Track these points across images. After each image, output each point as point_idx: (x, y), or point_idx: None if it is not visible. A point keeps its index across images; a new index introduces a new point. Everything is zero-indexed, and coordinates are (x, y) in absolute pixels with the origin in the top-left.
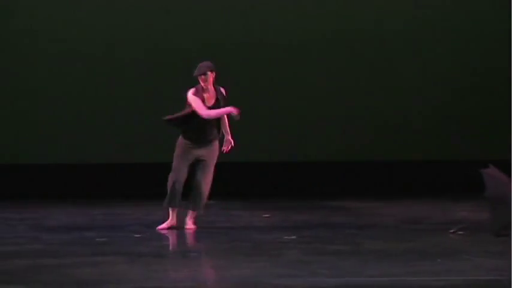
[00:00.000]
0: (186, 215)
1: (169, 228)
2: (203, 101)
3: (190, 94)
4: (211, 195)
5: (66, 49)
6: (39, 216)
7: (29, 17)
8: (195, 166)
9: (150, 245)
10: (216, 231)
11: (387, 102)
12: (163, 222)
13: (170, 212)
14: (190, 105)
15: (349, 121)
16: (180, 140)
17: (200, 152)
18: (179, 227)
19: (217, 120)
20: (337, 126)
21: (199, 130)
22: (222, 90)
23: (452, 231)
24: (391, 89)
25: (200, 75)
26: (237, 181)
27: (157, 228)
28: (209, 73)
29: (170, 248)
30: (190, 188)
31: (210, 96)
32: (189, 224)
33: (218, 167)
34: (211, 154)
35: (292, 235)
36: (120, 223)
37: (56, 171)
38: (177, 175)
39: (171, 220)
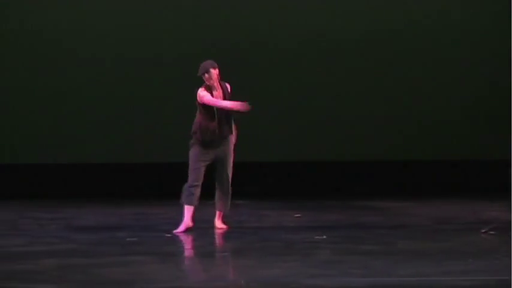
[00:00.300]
0: (214, 216)
1: (186, 230)
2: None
3: (200, 91)
4: (240, 195)
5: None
6: (70, 216)
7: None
8: (216, 165)
9: (181, 245)
10: (246, 231)
11: (417, 101)
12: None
13: (186, 212)
14: (200, 104)
15: (379, 121)
16: (195, 140)
17: (218, 151)
18: (195, 227)
19: (229, 116)
20: (367, 126)
21: (215, 127)
22: (227, 85)
23: (483, 231)
24: (421, 88)
25: (203, 73)
26: (267, 181)
27: (174, 232)
28: (212, 70)
29: (200, 248)
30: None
31: (218, 93)
32: (220, 224)
33: (248, 166)
34: (228, 151)
35: (323, 235)
36: (150, 223)
37: (87, 170)
38: (197, 177)
39: (186, 221)
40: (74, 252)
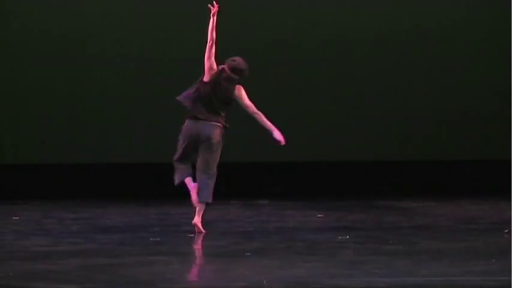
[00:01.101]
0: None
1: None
2: None
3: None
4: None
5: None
6: (93, 216)
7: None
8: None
9: (204, 244)
10: (269, 231)
11: (439, 99)
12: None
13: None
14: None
15: (402, 120)
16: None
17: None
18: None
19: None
20: (390, 126)
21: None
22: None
23: (506, 231)
24: (443, 87)
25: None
26: (290, 181)
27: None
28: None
29: (223, 247)
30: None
31: None
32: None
33: (271, 166)
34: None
35: (346, 235)
36: (174, 223)
37: (111, 170)
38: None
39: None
40: (97, 252)
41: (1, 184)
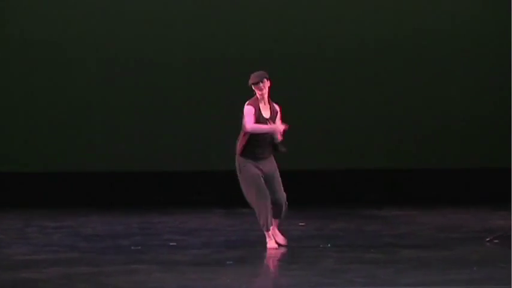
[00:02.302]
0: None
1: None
2: (258, 110)
3: (245, 106)
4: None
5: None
6: (75, 225)
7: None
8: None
9: (186, 253)
10: (252, 240)
11: (424, 110)
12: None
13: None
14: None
15: (387, 130)
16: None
17: (266, 168)
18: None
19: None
20: (375, 135)
21: (259, 147)
22: (276, 106)
23: (488, 239)
24: (427, 97)
25: (257, 83)
26: None
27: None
28: (265, 80)
29: (205, 256)
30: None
31: (266, 107)
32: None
33: None
34: (274, 165)
35: (328, 243)
36: (155, 231)
37: (92, 179)
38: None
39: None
40: (79, 260)
41: None
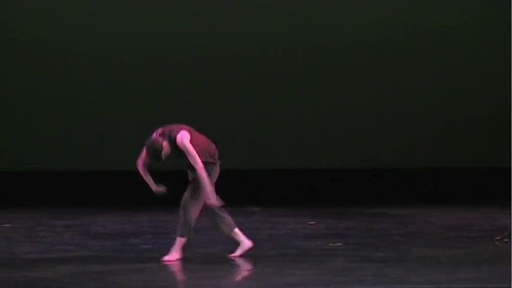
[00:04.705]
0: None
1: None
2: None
3: (187, 141)
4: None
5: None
6: (84, 223)
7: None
8: None
9: (195, 252)
10: (261, 238)
11: (434, 108)
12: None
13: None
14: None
15: (392, 127)
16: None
17: None
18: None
19: None
20: (383, 133)
21: None
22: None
23: (497, 238)
24: (436, 96)
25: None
26: (281, 188)
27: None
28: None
29: (215, 255)
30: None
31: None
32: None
33: (262, 173)
34: None
35: (338, 242)
36: (165, 230)
37: (103, 177)
38: None
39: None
40: (89, 259)
41: None
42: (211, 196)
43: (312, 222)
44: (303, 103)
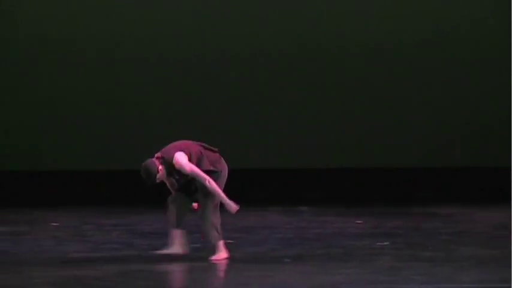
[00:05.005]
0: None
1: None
2: None
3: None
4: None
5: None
6: (132, 222)
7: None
8: None
9: (243, 250)
10: (308, 237)
11: (476, 106)
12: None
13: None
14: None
15: (442, 126)
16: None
17: None
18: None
19: None
20: (429, 131)
21: None
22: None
23: None
24: (478, 93)
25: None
26: (329, 187)
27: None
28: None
29: (262, 254)
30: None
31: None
32: None
33: (311, 172)
34: None
35: (385, 241)
36: None
37: None
38: None
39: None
40: (136, 258)
41: (41, 190)
42: (226, 203)
43: (360, 222)
44: (351, 101)
